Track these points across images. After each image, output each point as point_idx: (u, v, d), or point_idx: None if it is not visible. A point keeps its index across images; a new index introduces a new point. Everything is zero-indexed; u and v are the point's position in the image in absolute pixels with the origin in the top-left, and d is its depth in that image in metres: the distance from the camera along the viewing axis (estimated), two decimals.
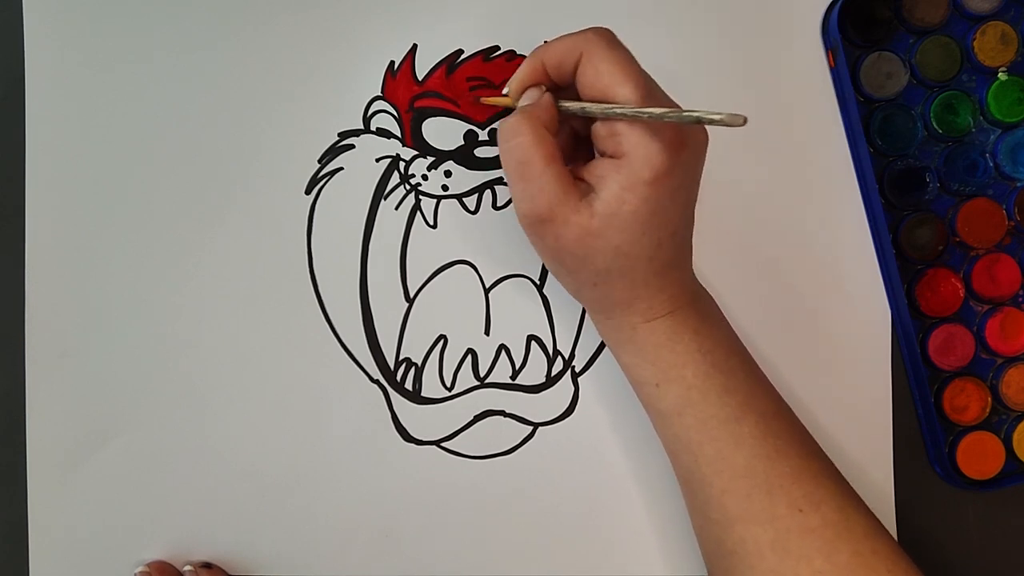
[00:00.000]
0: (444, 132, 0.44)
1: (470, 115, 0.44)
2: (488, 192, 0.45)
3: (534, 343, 0.45)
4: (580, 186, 0.36)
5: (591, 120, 0.37)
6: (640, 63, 0.37)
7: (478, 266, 0.45)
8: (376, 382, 0.45)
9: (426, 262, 0.45)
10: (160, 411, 0.43)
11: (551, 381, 0.45)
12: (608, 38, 0.36)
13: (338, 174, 0.44)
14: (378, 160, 0.44)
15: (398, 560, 0.44)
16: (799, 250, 0.46)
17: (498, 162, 0.44)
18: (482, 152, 0.44)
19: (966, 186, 0.46)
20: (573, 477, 0.45)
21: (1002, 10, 0.46)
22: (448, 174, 0.44)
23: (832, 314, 0.46)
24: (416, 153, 0.44)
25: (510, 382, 0.45)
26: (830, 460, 0.40)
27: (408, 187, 0.44)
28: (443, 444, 0.45)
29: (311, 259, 0.44)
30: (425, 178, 0.44)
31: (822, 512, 0.37)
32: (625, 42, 0.37)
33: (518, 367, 0.45)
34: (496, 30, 0.44)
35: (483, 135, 0.44)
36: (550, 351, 0.45)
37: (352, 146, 0.44)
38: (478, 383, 0.45)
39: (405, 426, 0.45)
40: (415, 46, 0.44)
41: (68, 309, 0.43)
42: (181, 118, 0.43)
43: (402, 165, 0.44)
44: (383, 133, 0.44)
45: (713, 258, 0.44)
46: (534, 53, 0.38)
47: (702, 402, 0.38)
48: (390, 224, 0.44)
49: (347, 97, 0.44)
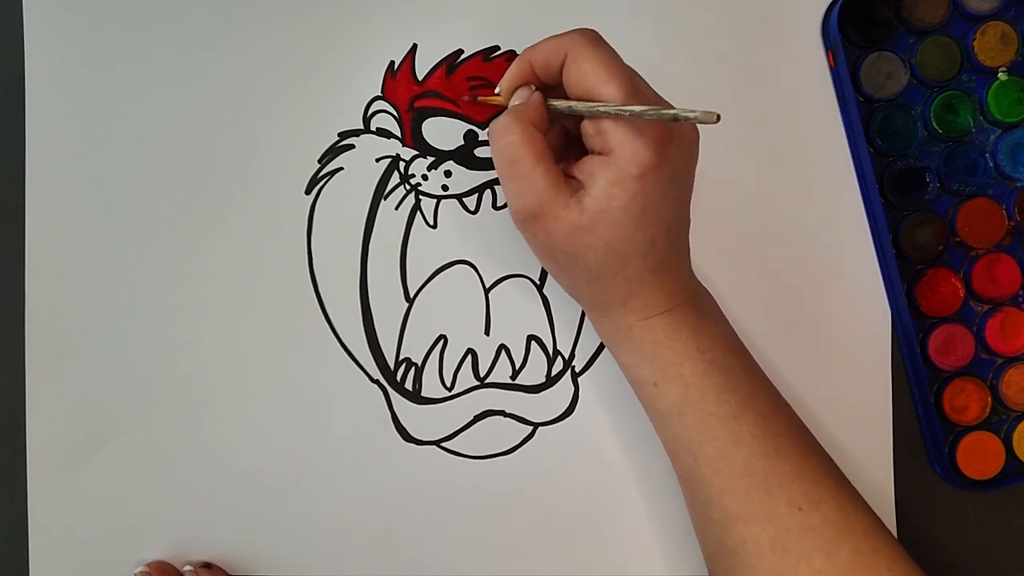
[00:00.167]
0: (444, 132, 0.44)
1: (470, 115, 0.44)
2: (488, 192, 0.45)
3: (534, 343, 0.45)
4: (571, 183, 0.36)
5: (581, 118, 0.37)
6: (639, 63, 0.37)
7: (478, 266, 0.45)
8: (376, 382, 0.45)
9: (426, 262, 0.45)
10: (160, 411, 0.43)
11: (551, 381, 0.45)
12: (592, 38, 0.37)
13: (338, 174, 0.44)
14: (378, 160, 0.44)
15: (398, 560, 0.44)
16: (799, 250, 0.46)
17: None
18: (482, 152, 0.44)
19: (966, 186, 0.46)
20: (573, 477, 0.45)
21: (1002, 10, 0.46)
22: (448, 174, 0.44)
23: (832, 314, 0.46)
24: (416, 153, 0.44)
25: (510, 382, 0.45)
26: (830, 458, 0.40)
27: (408, 187, 0.44)
28: (443, 444, 0.45)
29: (311, 259, 0.44)
30: (425, 178, 0.44)
31: (822, 511, 0.37)
32: (624, 42, 0.37)
33: (518, 367, 0.45)
34: (496, 30, 0.44)
35: (483, 135, 0.44)
36: (550, 351, 0.45)
37: (352, 146, 0.44)
38: (478, 383, 0.45)
39: (405, 426, 0.45)
40: (415, 46, 0.44)
41: (68, 309, 0.43)
42: (181, 118, 0.43)
43: (402, 165, 0.44)
44: (383, 133, 0.44)
45: (713, 258, 0.44)
46: (522, 54, 0.38)
47: (701, 400, 0.38)
48: (390, 224, 0.44)
49: (347, 97, 0.44)
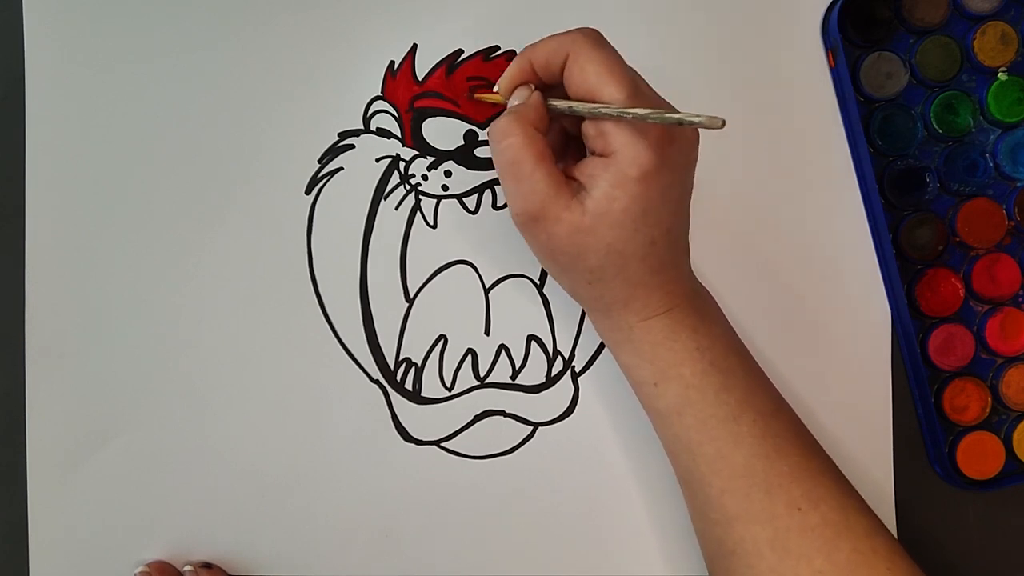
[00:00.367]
0: (444, 132, 0.44)
1: (470, 115, 0.44)
2: (488, 192, 0.45)
3: (534, 343, 0.45)
4: (571, 184, 0.36)
5: (581, 119, 0.37)
6: (639, 63, 0.37)
7: (478, 266, 0.45)
8: (376, 382, 0.45)
9: (426, 262, 0.45)
10: (160, 411, 0.43)
11: (551, 381, 0.45)
12: (594, 38, 0.36)
13: (338, 174, 0.44)
14: (378, 160, 0.44)
15: (398, 560, 0.44)
16: (799, 250, 0.46)
17: None
18: (482, 152, 0.44)
19: (966, 186, 0.46)
20: (573, 477, 0.45)
21: (1002, 10, 0.46)
22: (448, 174, 0.44)
23: (832, 314, 0.46)
24: (416, 153, 0.44)
25: (510, 382, 0.45)
26: (830, 458, 0.40)
27: (408, 187, 0.44)
28: (443, 444, 0.45)
29: (311, 259, 0.44)
30: (425, 178, 0.44)
31: (821, 511, 0.37)
32: (624, 42, 0.37)
33: (518, 367, 0.45)
34: (496, 30, 0.44)
35: (483, 135, 0.44)
36: (550, 351, 0.45)
37: (352, 146, 0.44)
38: (478, 383, 0.45)
39: (405, 426, 0.45)
40: (415, 46, 0.44)
41: (68, 309, 0.43)
42: (181, 118, 0.43)
43: (402, 165, 0.44)
44: (383, 133, 0.44)
45: (713, 258, 0.44)
46: (522, 52, 0.38)
47: (701, 401, 0.38)
48: (390, 224, 0.44)
49: (347, 97, 0.44)
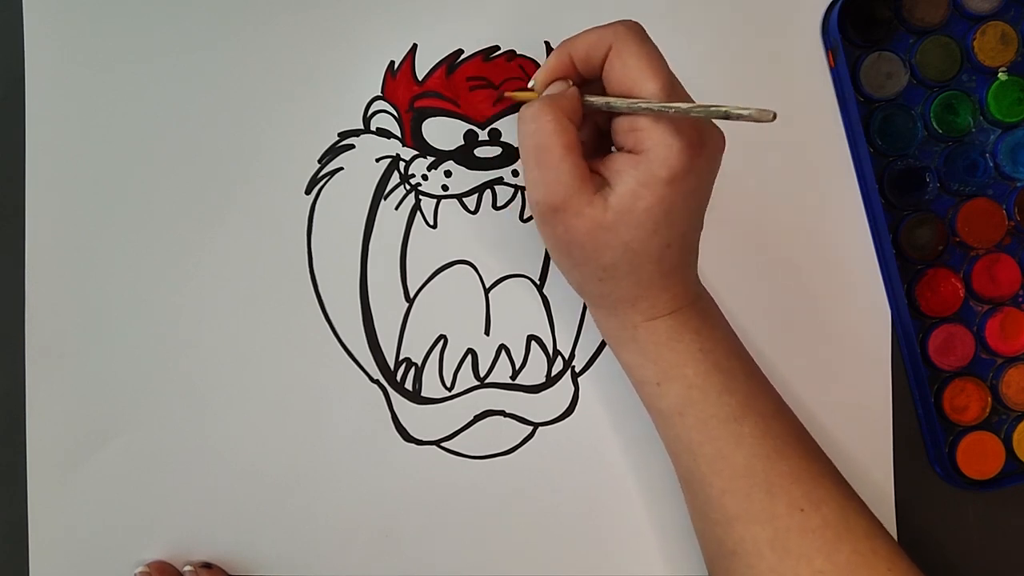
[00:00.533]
0: (444, 132, 0.44)
1: (470, 115, 0.44)
2: (488, 192, 0.45)
3: (534, 343, 0.45)
4: (595, 179, 0.36)
5: (612, 115, 0.37)
6: None
7: (478, 266, 0.45)
8: (376, 382, 0.45)
9: (426, 262, 0.45)
10: (160, 411, 0.43)
11: (551, 381, 0.45)
12: (637, 31, 0.36)
13: (338, 174, 0.44)
14: (378, 160, 0.44)
15: (398, 560, 0.44)
16: (799, 250, 0.46)
17: (498, 162, 0.44)
18: (482, 152, 0.44)
19: (966, 186, 0.46)
20: (573, 477, 0.45)
21: (1002, 10, 0.46)
22: (448, 174, 0.44)
23: (832, 314, 0.46)
24: (416, 153, 0.44)
25: (510, 382, 0.45)
26: (830, 461, 0.40)
27: (408, 187, 0.44)
28: (443, 444, 0.45)
29: (311, 259, 0.44)
30: (425, 178, 0.44)
31: (822, 512, 0.37)
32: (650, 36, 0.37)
33: (518, 367, 0.45)
34: (496, 30, 0.44)
35: (483, 135, 0.44)
36: (550, 351, 0.45)
37: (352, 146, 0.44)
38: (478, 383, 0.45)
39: (405, 426, 0.45)
40: (415, 46, 0.44)
41: (68, 309, 0.43)
42: (181, 118, 0.43)
43: (402, 165, 0.44)
44: (383, 133, 0.44)
45: (713, 258, 0.44)
46: (561, 46, 0.37)
47: (702, 401, 0.38)
48: (390, 224, 0.44)
49: (347, 97, 0.44)
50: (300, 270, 0.44)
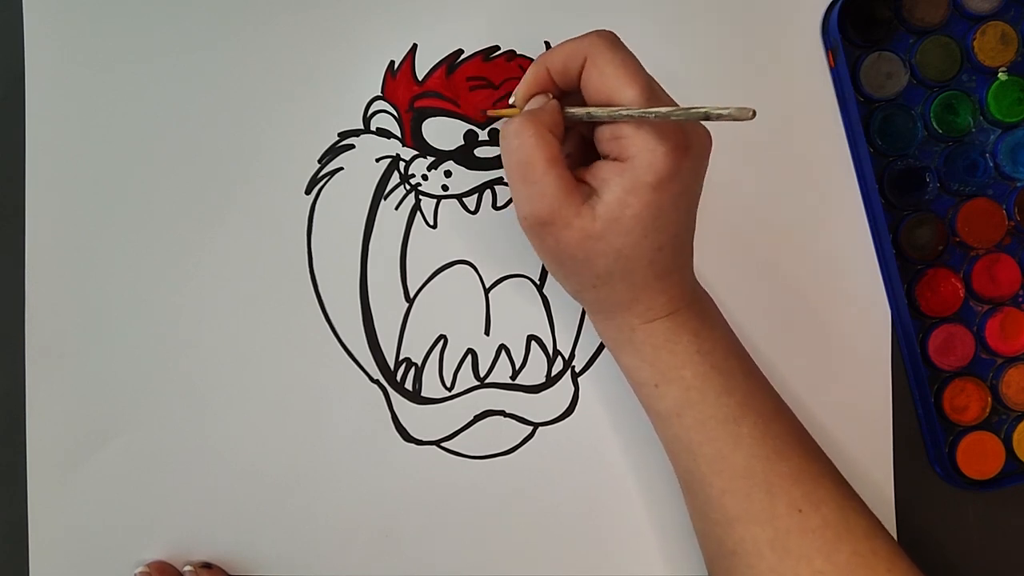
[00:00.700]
0: (444, 132, 0.44)
1: (470, 115, 0.44)
2: (488, 192, 0.45)
3: (534, 343, 0.45)
4: (582, 189, 0.36)
5: (595, 125, 0.37)
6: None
7: (478, 266, 0.45)
8: (376, 382, 0.45)
9: (426, 262, 0.45)
10: (160, 411, 0.43)
11: (551, 381, 0.45)
12: (611, 40, 0.36)
13: (338, 174, 0.44)
14: (378, 160, 0.44)
15: (398, 560, 0.44)
16: (799, 250, 0.46)
17: (498, 162, 0.44)
18: (482, 152, 0.44)
19: (966, 186, 0.46)
20: (573, 477, 0.45)
21: (1002, 10, 0.46)
22: (448, 174, 0.44)
23: (832, 314, 0.46)
24: (416, 153, 0.44)
25: (510, 382, 0.45)
26: (830, 461, 0.40)
27: (408, 187, 0.44)
28: (443, 444, 0.45)
29: (311, 259, 0.44)
30: (425, 178, 0.44)
31: (822, 512, 0.37)
32: (624, 43, 0.37)
33: (518, 367, 0.45)
34: (496, 30, 0.44)
35: (483, 135, 0.44)
36: (550, 351, 0.45)
37: (352, 146, 0.44)
38: (478, 383, 0.45)
39: (405, 426, 0.45)
40: (415, 46, 0.44)
41: (68, 309, 0.43)
42: (181, 118, 0.43)
43: (402, 165, 0.44)
44: (383, 133, 0.44)
45: (713, 259, 0.44)
46: (538, 60, 0.38)
47: (701, 403, 0.38)
48: (390, 224, 0.44)
49: (347, 97, 0.44)
50: (300, 270, 0.44)
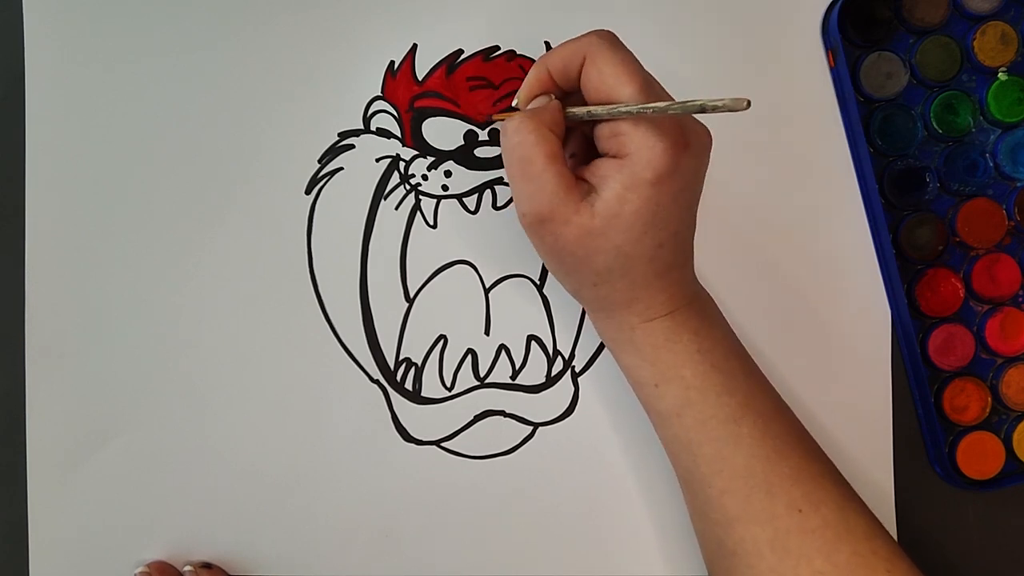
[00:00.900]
0: (444, 132, 0.44)
1: (470, 115, 0.44)
2: (488, 192, 0.45)
3: (534, 343, 0.45)
4: (581, 186, 0.36)
5: (596, 123, 0.37)
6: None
7: (478, 266, 0.45)
8: (376, 382, 0.45)
9: (426, 262, 0.45)
10: (160, 411, 0.43)
11: (551, 381, 0.45)
12: (610, 40, 0.36)
13: (338, 174, 0.44)
14: (378, 160, 0.44)
15: (398, 560, 0.44)
16: (799, 250, 0.46)
17: (498, 162, 0.44)
18: (482, 152, 0.44)
19: (966, 186, 0.46)
20: (573, 477, 0.45)
21: (1002, 10, 0.46)
22: (448, 174, 0.44)
23: (832, 314, 0.46)
24: (416, 153, 0.44)
25: (510, 382, 0.45)
26: (830, 461, 0.40)
27: (408, 187, 0.44)
28: (443, 444, 0.45)
29: (311, 259, 0.44)
30: (425, 178, 0.44)
31: (822, 512, 0.37)
32: (624, 43, 0.37)
33: (518, 367, 0.45)
34: (496, 30, 0.44)
35: (483, 135, 0.44)
36: (550, 351, 0.45)
37: (352, 146, 0.44)
38: (478, 383, 0.45)
39: (405, 426, 0.45)
40: (415, 46, 0.44)
41: (68, 309, 0.43)
42: (181, 118, 0.43)
43: (402, 165, 0.44)
44: (383, 133, 0.44)
45: (713, 258, 0.44)
46: (538, 62, 0.38)
47: (701, 402, 0.38)
48: (390, 224, 0.44)
49: (347, 97, 0.44)
50: (300, 270, 0.44)
